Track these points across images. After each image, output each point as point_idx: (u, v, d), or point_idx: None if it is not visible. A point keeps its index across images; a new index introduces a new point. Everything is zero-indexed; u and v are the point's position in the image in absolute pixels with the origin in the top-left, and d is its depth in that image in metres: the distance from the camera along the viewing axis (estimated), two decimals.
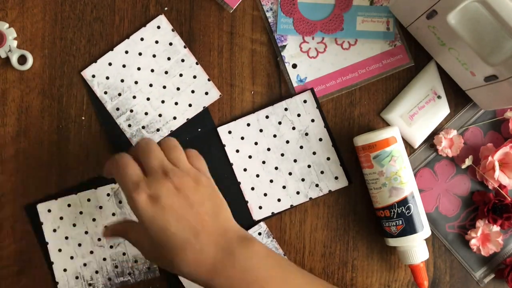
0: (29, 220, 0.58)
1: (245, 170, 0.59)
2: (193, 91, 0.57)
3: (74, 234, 0.58)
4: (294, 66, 0.59)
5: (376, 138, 0.55)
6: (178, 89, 0.56)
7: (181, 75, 0.56)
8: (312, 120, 0.59)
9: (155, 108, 0.56)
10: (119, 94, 0.56)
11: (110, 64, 0.56)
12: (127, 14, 0.59)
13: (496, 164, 0.57)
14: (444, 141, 0.58)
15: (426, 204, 0.60)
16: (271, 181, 0.59)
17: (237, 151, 0.59)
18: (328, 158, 0.59)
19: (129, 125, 0.56)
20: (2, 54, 0.58)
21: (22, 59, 0.58)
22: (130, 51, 0.56)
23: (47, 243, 0.58)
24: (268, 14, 0.59)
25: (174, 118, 0.57)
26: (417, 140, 0.59)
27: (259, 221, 0.59)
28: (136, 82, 0.56)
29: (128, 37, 0.56)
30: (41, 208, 0.57)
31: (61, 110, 0.59)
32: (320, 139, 0.59)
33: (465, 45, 0.50)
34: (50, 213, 0.57)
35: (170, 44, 0.57)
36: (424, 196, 0.60)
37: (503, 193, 0.58)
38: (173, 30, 0.57)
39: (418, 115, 0.59)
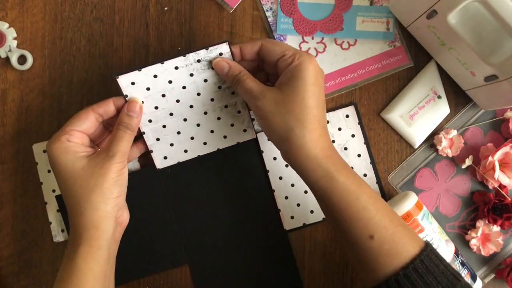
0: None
1: (280, 178, 0.58)
2: (232, 125, 0.56)
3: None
4: None
5: (405, 209, 0.54)
6: (218, 118, 0.55)
7: (226, 106, 0.54)
8: (353, 135, 0.59)
9: (189, 130, 0.55)
10: (156, 108, 0.53)
11: (155, 76, 0.51)
12: (127, 14, 0.59)
13: (496, 164, 0.57)
14: (444, 141, 0.58)
15: (427, 204, 0.60)
16: (306, 192, 0.58)
17: (274, 158, 0.58)
18: (365, 175, 0.59)
19: (158, 139, 0.55)
20: (2, 54, 0.58)
21: (22, 59, 0.58)
22: (180, 69, 0.51)
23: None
24: (268, 14, 0.59)
25: (204, 143, 0.56)
26: (417, 140, 0.59)
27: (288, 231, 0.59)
28: (177, 101, 0.53)
29: (184, 54, 0.50)
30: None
31: (61, 110, 0.59)
32: (359, 155, 0.59)
33: (465, 45, 0.50)
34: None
35: None
36: (424, 196, 0.60)
37: (503, 193, 0.58)
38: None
39: (418, 115, 0.59)
